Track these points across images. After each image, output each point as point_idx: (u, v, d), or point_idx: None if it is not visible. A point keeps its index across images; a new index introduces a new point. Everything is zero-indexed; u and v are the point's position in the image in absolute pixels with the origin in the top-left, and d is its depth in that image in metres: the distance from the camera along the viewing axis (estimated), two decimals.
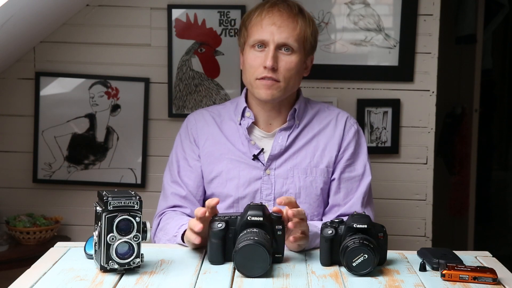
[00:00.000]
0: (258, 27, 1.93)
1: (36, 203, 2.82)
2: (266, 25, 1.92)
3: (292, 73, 1.94)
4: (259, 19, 1.94)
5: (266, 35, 1.92)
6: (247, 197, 1.96)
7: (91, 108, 2.79)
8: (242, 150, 1.99)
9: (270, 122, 2.01)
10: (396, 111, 2.75)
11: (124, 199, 1.50)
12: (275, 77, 1.91)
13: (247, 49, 1.96)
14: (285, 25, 1.92)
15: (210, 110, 2.10)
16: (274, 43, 1.91)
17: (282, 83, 1.92)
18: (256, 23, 1.94)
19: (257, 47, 1.94)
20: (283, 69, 1.92)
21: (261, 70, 1.92)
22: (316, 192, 1.97)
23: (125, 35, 2.77)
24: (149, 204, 2.23)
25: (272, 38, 1.91)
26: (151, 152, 2.81)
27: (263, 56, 1.92)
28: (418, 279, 1.54)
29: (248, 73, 1.95)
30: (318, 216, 1.99)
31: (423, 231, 2.81)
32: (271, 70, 1.90)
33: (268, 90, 1.92)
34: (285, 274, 1.56)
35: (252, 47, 1.94)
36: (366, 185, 1.99)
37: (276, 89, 1.92)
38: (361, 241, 1.54)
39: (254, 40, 1.94)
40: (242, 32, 2.01)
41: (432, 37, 2.73)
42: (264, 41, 1.92)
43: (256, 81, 1.93)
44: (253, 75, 1.94)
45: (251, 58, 1.94)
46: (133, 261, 1.52)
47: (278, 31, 1.91)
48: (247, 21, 1.98)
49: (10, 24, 2.28)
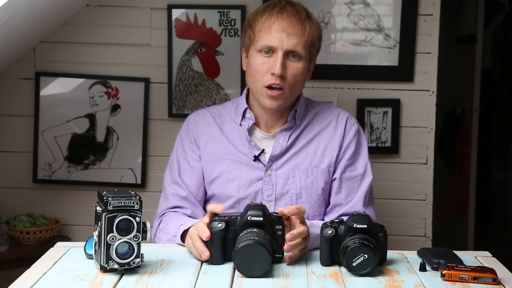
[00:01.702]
0: (266, 32, 1.90)
1: (36, 203, 2.82)
2: (275, 31, 1.90)
3: (298, 79, 1.93)
4: (267, 23, 1.91)
5: (275, 41, 1.90)
6: (248, 198, 1.96)
7: (91, 108, 2.79)
8: (243, 151, 1.99)
9: (271, 124, 2.01)
10: (396, 111, 2.75)
11: (124, 199, 1.50)
12: (282, 84, 1.90)
13: (253, 53, 1.94)
14: (294, 32, 1.90)
15: (211, 111, 2.09)
16: (283, 49, 1.89)
17: (287, 90, 1.92)
18: (265, 28, 1.91)
19: (264, 52, 1.91)
20: (290, 76, 1.91)
21: (269, 76, 1.90)
22: (317, 192, 1.97)
23: (125, 35, 2.77)
24: (149, 204, 2.23)
25: (281, 45, 1.89)
26: (151, 152, 2.81)
27: (270, 62, 1.90)
28: (418, 279, 1.54)
29: (255, 78, 1.94)
30: (319, 216, 1.99)
31: (423, 231, 2.81)
32: (279, 77, 1.89)
33: (274, 100, 1.92)
34: (285, 274, 1.56)
35: (259, 51, 1.92)
36: (367, 184, 1.99)
37: (281, 99, 1.92)
38: (361, 241, 1.54)
39: (262, 46, 1.91)
40: (247, 34, 1.98)
41: (432, 37, 2.73)
42: (272, 47, 1.90)
43: (263, 89, 1.92)
44: (260, 81, 1.92)
45: (258, 63, 1.92)
46: (133, 261, 1.52)
47: (288, 38, 1.89)
48: (254, 24, 1.95)
49: (10, 24, 2.28)
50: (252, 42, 1.95)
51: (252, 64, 1.94)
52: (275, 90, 1.90)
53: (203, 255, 1.62)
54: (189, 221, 1.83)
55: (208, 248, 1.62)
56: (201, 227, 1.64)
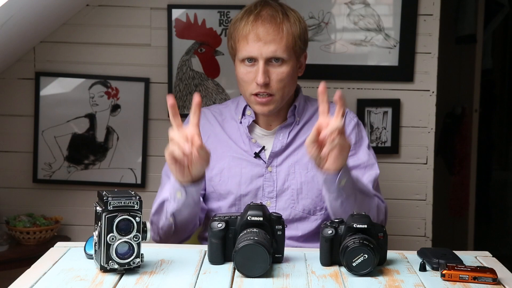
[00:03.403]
0: (244, 43, 1.91)
1: (36, 203, 2.82)
2: (252, 41, 1.89)
3: (285, 82, 1.93)
4: (244, 33, 1.91)
5: (253, 51, 1.89)
6: (249, 195, 1.97)
7: (91, 108, 2.79)
8: (244, 148, 2.00)
9: (270, 123, 2.02)
10: (396, 111, 2.75)
11: (124, 199, 1.50)
12: (269, 91, 1.91)
13: (238, 63, 1.95)
14: (271, 39, 1.89)
15: (212, 109, 2.10)
16: (263, 58, 1.89)
17: (276, 95, 1.92)
18: (242, 38, 1.91)
19: (247, 61, 1.92)
20: (275, 81, 1.91)
21: (254, 85, 1.91)
22: (318, 186, 1.96)
23: (125, 35, 2.77)
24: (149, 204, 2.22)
25: (260, 54, 1.89)
26: (151, 152, 2.81)
27: (254, 71, 1.91)
28: (418, 279, 1.54)
29: (242, 87, 1.96)
30: (321, 211, 1.98)
31: (423, 231, 2.81)
32: (264, 86, 1.90)
33: (264, 106, 1.93)
34: (285, 274, 1.56)
35: (241, 61, 1.93)
36: (373, 175, 1.97)
37: (271, 104, 1.93)
38: (361, 241, 1.54)
39: (243, 56, 1.92)
40: (230, 43, 1.99)
41: (432, 37, 2.73)
42: (252, 57, 1.91)
43: (252, 96, 1.93)
44: (247, 90, 1.93)
45: (242, 73, 1.94)
46: (133, 261, 1.52)
47: (265, 47, 1.89)
48: (234, 34, 1.95)
49: (10, 24, 2.28)
50: (234, 52, 1.97)
51: (238, 73, 1.95)
52: (263, 97, 1.91)
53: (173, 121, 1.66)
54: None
55: (208, 248, 1.63)
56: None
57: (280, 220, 1.63)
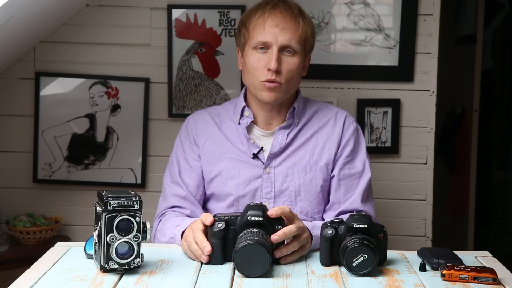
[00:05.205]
0: (260, 29, 1.93)
1: (36, 203, 2.82)
2: (269, 27, 1.92)
3: (294, 74, 1.95)
4: (261, 20, 1.94)
5: (269, 37, 1.92)
6: (248, 196, 1.97)
7: (91, 108, 2.79)
8: (242, 149, 2.00)
9: (269, 122, 2.02)
10: (396, 111, 2.75)
11: (124, 199, 1.50)
12: (279, 79, 1.92)
13: (249, 50, 1.96)
14: (288, 27, 1.92)
15: (209, 111, 2.11)
16: (278, 45, 1.92)
17: (284, 85, 1.94)
18: (258, 25, 1.94)
19: (259, 49, 1.94)
20: (285, 70, 1.93)
21: (265, 72, 1.92)
22: (316, 189, 1.97)
23: (125, 35, 2.77)
24: (149, 204, 2.23)
25: (275, 40, 1.91)
26: (151, 152, 2.81)
27: (266, 58, 1.92)
28: (418, 279, 1.54)
29: (251, 75, 1.95)
30: (318, 214, 1.99)
31: (423, 231, 2.81)
32: (275, 73, 1.91)
33: (272, 92, 1.93)
34: (285, 274, 1.56)
35: (254, 48, 1.94)
36: (365, 181, 2.00)
37: (278, 91, 1.94)
38: (361, 241, 1.54)
39: (257, 42, 1.93)
40: (242, 33, 2.00)
41: (432, 37, 2.73)
42: (267, 43, 1.92)
43: (261, 83, 1.93)
44: (257, 77, 1.94)
45: (253, 60, 1.94)
46: (133, 261, 1.52)
47: (281, 33, 1.92)
48: (248, 22, 1.98)
49: (10, 24, 2.28)
50: (247, 40, 1.97)
51: (248, 61, 1.96)
52: (272, 83, 1.92)
53: (204, 250, 1.61)
54: (184, 221, 1.83)
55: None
56: (197, 227, 1.65)
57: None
